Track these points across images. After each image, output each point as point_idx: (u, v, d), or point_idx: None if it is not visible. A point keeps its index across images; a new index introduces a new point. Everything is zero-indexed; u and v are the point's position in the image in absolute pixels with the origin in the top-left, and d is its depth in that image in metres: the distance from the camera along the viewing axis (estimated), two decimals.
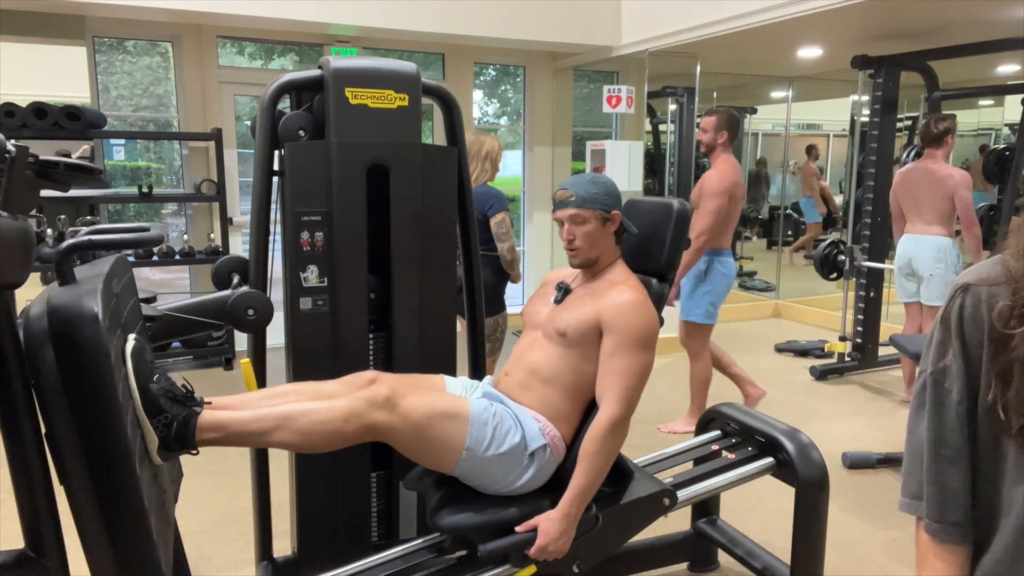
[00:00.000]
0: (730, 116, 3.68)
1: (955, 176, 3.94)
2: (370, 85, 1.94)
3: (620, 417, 1.76)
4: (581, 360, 1.83)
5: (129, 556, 1.26)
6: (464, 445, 1.70)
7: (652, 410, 4.18)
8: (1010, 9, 4.10)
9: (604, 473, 1.77)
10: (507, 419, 1.78)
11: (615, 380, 1.77)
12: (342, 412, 1.58)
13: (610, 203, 1.90)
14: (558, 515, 1.72)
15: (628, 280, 1.90)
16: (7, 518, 1.80)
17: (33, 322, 1.18)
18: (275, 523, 2.18)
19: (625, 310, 1.78)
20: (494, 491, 1.80)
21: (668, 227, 2.02)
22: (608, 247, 1.94)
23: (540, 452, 1.79)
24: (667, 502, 1.96)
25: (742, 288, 7.48)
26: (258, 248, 1.99)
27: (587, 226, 1.88)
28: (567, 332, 1.83)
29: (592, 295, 1.87)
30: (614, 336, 1.78)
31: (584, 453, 1.75)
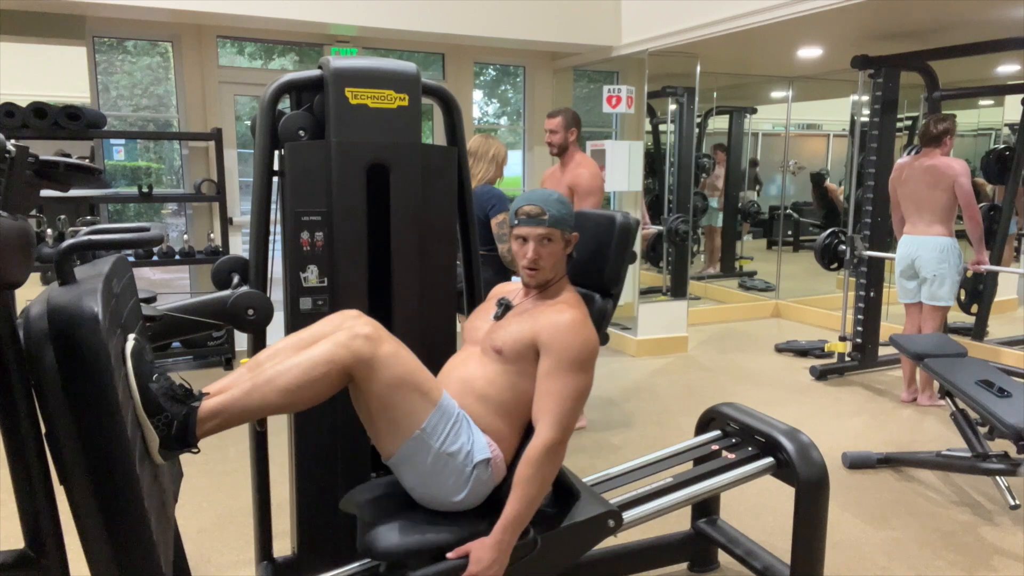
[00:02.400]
0: (575, 114, 3.75)
1: (954, 166, 3.96)
2: (370, 85, 1.94)
3: (555, 441, 1.69)
4: (519, 378, 1.77)
5: (129, 556, 1.26)
6: (420, 425, 1.65)
7: (652, 410, 4.19)
8: (1010, 9, 4.10)
9: (540, 499, 1.71)
10: (464, 424, 1.73)
11: (550, 403, 1.71)
12: (324, 355, 1.55)
13: (573, 224, 1.87)
14: (491, 542, 1.66)
15: (569, 299, 1.85)
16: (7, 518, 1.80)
17: (33, 322, 1.18)
18: (275, 523, 2.18)
19: (562, 330, 1.73)
20: (426, 496, 1.74)
21: (611, 241, 1.96)
22: (561, 268, 1.89)
23: (482, 466, 1.72)
24: (612, 523, 1.89)
25: (742, 288, 7.49)
26: (258, 248, 1.99)
27: (553, 247, 1.82)
28: (503, 350, 1.77)
29: (531, 313, 1.82)
30: (550, 357, 1.72)
31: (519, 478, 1.68)
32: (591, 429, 3.86)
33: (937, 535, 2.79)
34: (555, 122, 3.69)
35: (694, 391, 4.57)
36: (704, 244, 8.05)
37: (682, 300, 5.75)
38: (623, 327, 5.65)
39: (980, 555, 2.65)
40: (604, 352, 5.48)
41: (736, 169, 7.92)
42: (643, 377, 4.88)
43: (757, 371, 5.02)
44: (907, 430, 3.92)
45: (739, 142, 7.92)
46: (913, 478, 3.29)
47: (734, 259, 8.06)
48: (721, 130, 7.90)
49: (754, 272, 7.83)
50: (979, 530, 2.82)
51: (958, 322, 5.48)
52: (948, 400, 3.17)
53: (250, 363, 1.64)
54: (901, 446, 3.64)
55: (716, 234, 7.99)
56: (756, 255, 8.29)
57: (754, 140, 8.42)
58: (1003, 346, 5.10)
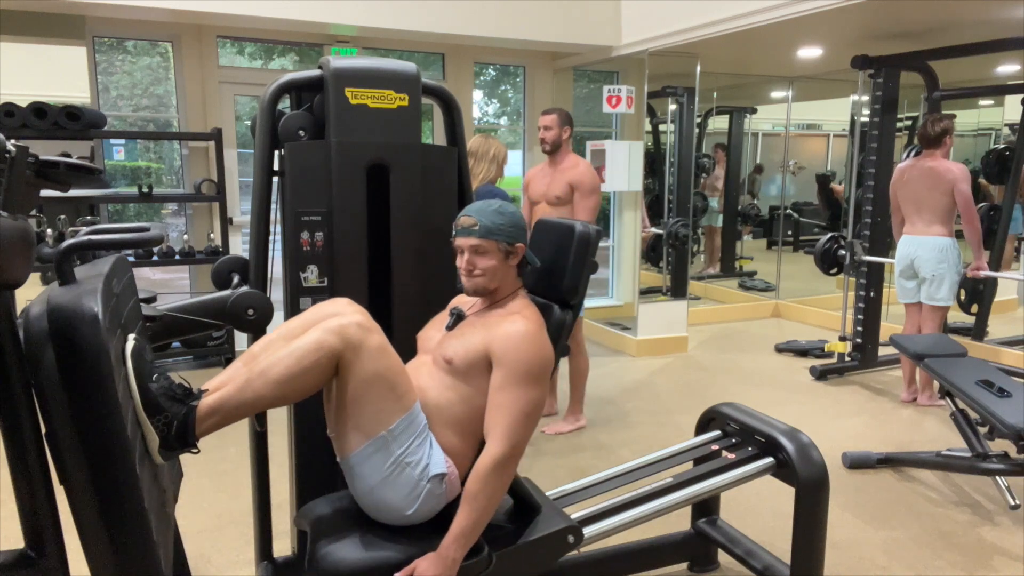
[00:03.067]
0: (568, 113, 3.80)
1: (954, 170, 3.96)
2: (370, 85, 1.94)
3: (505, 456, 1.64)
4: (471, 391, 1.73)
5: (129, 556, 1.26)
6: (388, 427, 1.62)
7: (652, 409, 4.19)
8: (1010, 9, 4.10)
9: (488, 514, 1.66)
10: (427, 439, 1.70)
11: (501, 416, 1.66)
12: (314, 342, 1.53)
13: (514, 235, 1.80)
14: (436, 557, 1.62)
15: (524, 311, 1.80)
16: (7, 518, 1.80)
17: (33, 322, 1.18)
18: (275, 523, 2.18)
19: (515, 342, 1.69)
20: (375, 504, 1.70)
21: (570, 251, 1.93)
22: (508, 279, 1.84)
23: (436, 480, 1.68)
24: (571, 539, 1.85)
25: (742, 288, 7.49)
26: (258, 248, 1.99)
27: (488, 258, 1.78)
28: (454, 360, 1.73)
29: (484, 324, 1.78)
30: (502, 369, 1.68)
31: (467, 493, 1.64)
32: (591, 429, 3.86)
33: (937, 535, 2.79)
34: (550, 118, 3.70)
35: (694, 391, 4.57)
36: (704, 244, 8.05)
37: (682, 300, 5.75)
38: (623, 327, 5.66)
39: (980, 555, 2.65)
40: (604, 352, 5.49)
41: (736, 169, 7.91)
42: (643, 377, 4.88)
43: (757, 371, 5.02)
44: (907, 430, 3.92)
45: (739, 142, 7.92)
46: (913, 478, 3.29)
47: (734, 259, 8.06)
48: (721, 130, 7.90)
49: (754, 272, 7.83)
50: (979, 530, 2.82)
51: (958, 322, 5.48)
52: (948, 400, 3.17)
53: (245, 356, 1.64)
54: (901, 446, 3.64)
55: (716, 234, 7.99)
56: (756, 255, 8.29)
57: (754, 140, 8.42)
58: (1003, 346, 5.10)
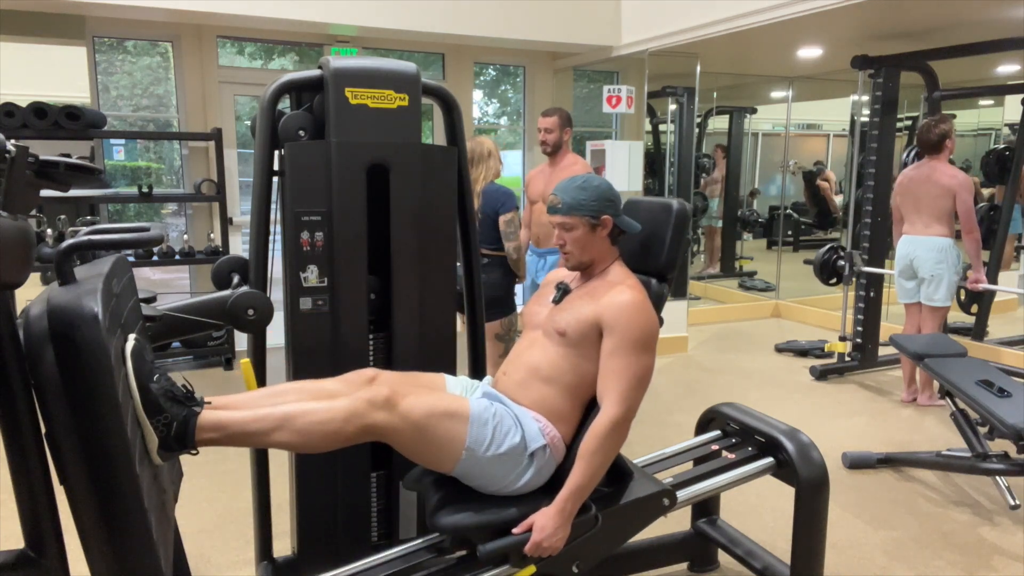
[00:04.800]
0: (568, 114, 3.80)
1: (958, 177, 3.94)
2: (370, 85, 1.94)
3: (621, 418, 1.75)
4: (581, 359, 1.82)
5: (129, 556, 1.26)
6: (464, 445, 1.70)
7: (652, 409, 4.18)
8: (1010, 9, 4.10)
9: (602, 472, 1.77)
10: (507, 419, 1.78)
11: (615, 381, 1.77)
12: (342, 412, 1.57)
13: (598, 208, 1.88)
14: (553, 511, 1.72)
15: (627, 280, 1.89)
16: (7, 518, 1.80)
17: (33, 322, 1.18)
18: (275, 523, 2.18)
19: (625, 310, 1.78)
20: (494, 491, 1.79)
21: (668, 227, 2.01)
22: (602, 250, 1.93)
23: (540, 452, 1.78)
24: (667, 502, 1.95)
25: (742, 288, 7.49)
26: (258, 248, 1.99)
27: (575, 232, 1.88)
28: (567, 331, 1.82)
29: (591, 295, 1.86)
30: (614, 336, 1.77)
31: (583, 451, 1.74)
32: None
33: (937, 535, 2.79)
34: (551, 120, 3.70)
35: (694, 391, 4.57)
36: (704, 244, 8.05)
37: (682, 300, 5.74)
38: None
39: (980, 555, 2.65)
40: None
41: (736, 169, 7.92)
42: None
43: (757, 371, 5.02)
44: (907, 430, 3.91)
45: (739, 142, 7.92)
46: (913, 478, 3.29)
47: (734, 259, 8.07)
48: (721, 130, 7.90)
49: (754, 272, 7.83)
50: (979, 530, 2.82)
51: (958, 322, 5.48)
52: (948, 400, 3.17)
53: (268, 389, 1.68)
54: (901, 446, 3.64)
55: (716, 234, 7.99)
56: (756, 255, 8.29)
57: (754, 140, 8.43)
58: (1003, 346, 5.10)
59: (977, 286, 4.16)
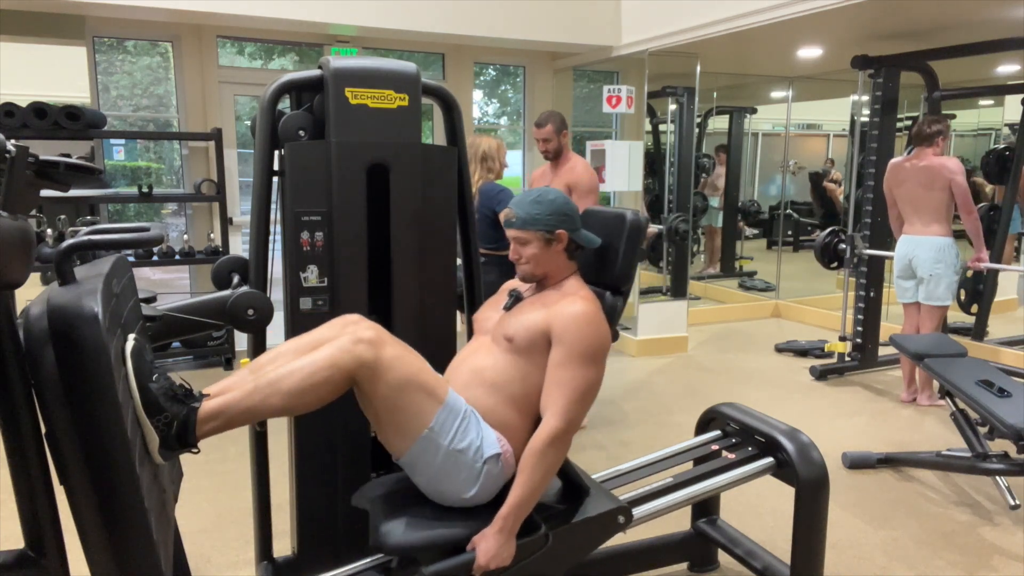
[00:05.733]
0: (561, 116, 3.77)
1: (948, 164, 3.98)
2: (370, 85, 1.94)
3: (561, 431, 1.70)
4: (529, 368, 1.78)
5: (129, 556, 1.26)
6: (428, 424, 1.66)
7: (652, 409, 4.19)
8: (1010, 9, 4.10)
9: (542, 487, 1.71)
10: (473, 420, 1.74)
11: (558, 393, 1.72)
12: (327, 359, 1.55)
13: (554, 222, 1.85)
14: (493, 530, 1.68)
15: (581, 291, 1.86)
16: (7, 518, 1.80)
17: (33, 322, 1.18)
18: (275, 523, 2.18)
19: (575, 321, 1.74)
20: (438, 493, 1.75)
21: (621, 239, 1.96)
22: (558, 264, 1.90)
23: (492, 461, 1.73)
24: (622, 519, 1.90)
25: (742, 288, 7.49)
26: (258, 248, 1.99)
27: (529, 247, 1.86)
28: (515, 338, 1.78)
29: (543, 304, 1.83)
30: (562, 347, 1.74)
31: (523, 465, 1.70)
32: (591, 428, 3.86)
33: (937, 535, 2.79)
34: (547, 131, 3.68)
35: (694, 391, 4.57)
36: (704, 244, 8.05)
37: (682, 300, 5.75)
38: (623, 327, 5.65)
39: (980, 555, 2.65)
40: None
41: (736, 169, 7.92)
42: (643, 377, 4.88)
43: (757, 371, 5.02)
44: (907, 430, 3.92)
45: (739, 142, 7.92)
46: (913, 478, 3.29)
47: (734, 259, 8.07)
48: (721, 130, 7.90)
49: (754, 272, 7.84)
50: (979, 530, 2.82)
51: (958, 322, 5.48)
52: (948, 400, 3.17)
53: (251, 365, 1.65)
54: (901, 446, 3.64)
55: (716, 234, 7.99)
56: (756, 255, 8.29)
57: (754, 140, 8.42)
58: (1003, 346, 5.10)
59: (979, 265, 4.17)
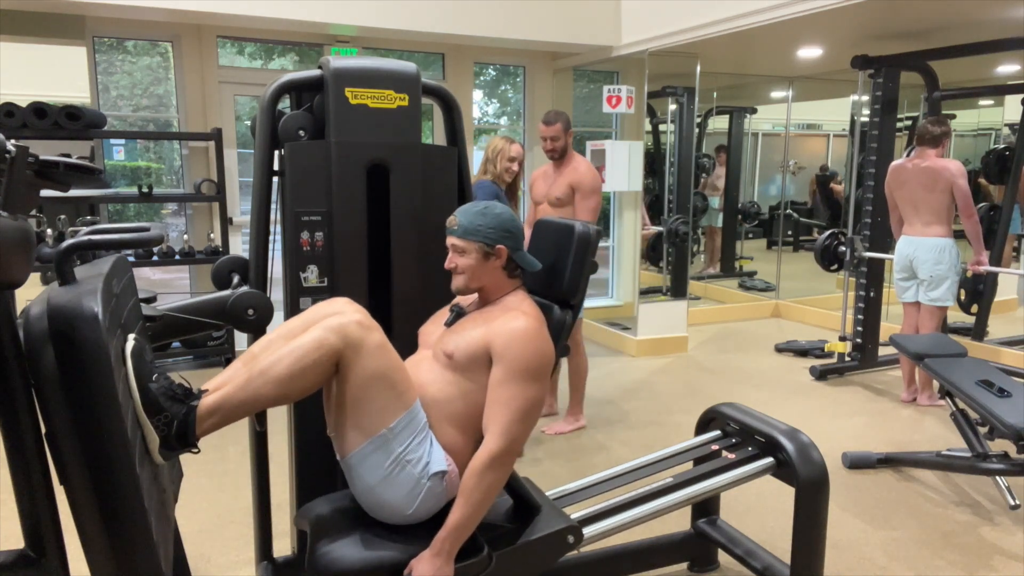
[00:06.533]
0: (567, 116, 3.77)
1: (950, 167, 3.99)
2: (370, 85, 1.94)
3: (502, 451, 1.64)
4: (471, 386, 1.73)
5: (129, 556, 1.26)
6: (388, 425, 1.62)
7: (652, 409, 4.19)
8: (1010, 9, 4.10)
9: (482, 509, 1.66)
10: (428, 437, 1.71)
11: (499, 412, 1.67)
12: (314, 341, 1.54)
13: (495, 237, 1.80)
14: (430, 554, 1.63)
15: (523, 306, 1.81)
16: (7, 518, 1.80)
17: (33, 322, 1.18)
18: (275, 523, 2.18)
19: (516, 337, 1.69)
20: (375, 504, 1.71)
21: (569, 251, 1.92)
22: (495, 280, 1.85)
23: (436, 478, 1.68)
24: (571, 539, 1.85)
25: (742, 288, 7.49)
26: (258, 248, 1.99)
27: (466, 257, 1.81)
28: (454, 354, 1.74)
29: (485, 320, 1.79)
30: (502, 365, 1.68)
31: (462, 487, 1.65)
32: (591, 429, 3.86)
33: (937, 535, 2.79)
34: (556, 128, 3.69)
35: (694, 391, 4.57)
36: (704, 244, 8.05)
37: (682, 300, 5.75)
38: (623, 327, 5.66)
39: (980, 555, 2.65)
40: (604, 352, 5.49)
41: (736, 169, 7.92)
42: (643, 377, 4.88)
43: (757, 371, 5.02)
44: (907, 430, 3.92)
45: (739, 142, 7.92)
46: (913, 478, 3.29)
47: (734, 259, 8.07)
48: (721, 130, 7.90)
49: (754, 272, 7.84)
50: (979, 530, 2.82)
51: (958, 322, 5.48)
52: (948, 400, 3.17)
53: (245, 356, 1.64)
54: (901, 446, 3.64)
55: (716, 234, 7.99)
56: (756, 255, 8.29)
57: (754, 140, 8.42)
58: (1003, 346, 5.11)
59: (979, 268, 4.17)
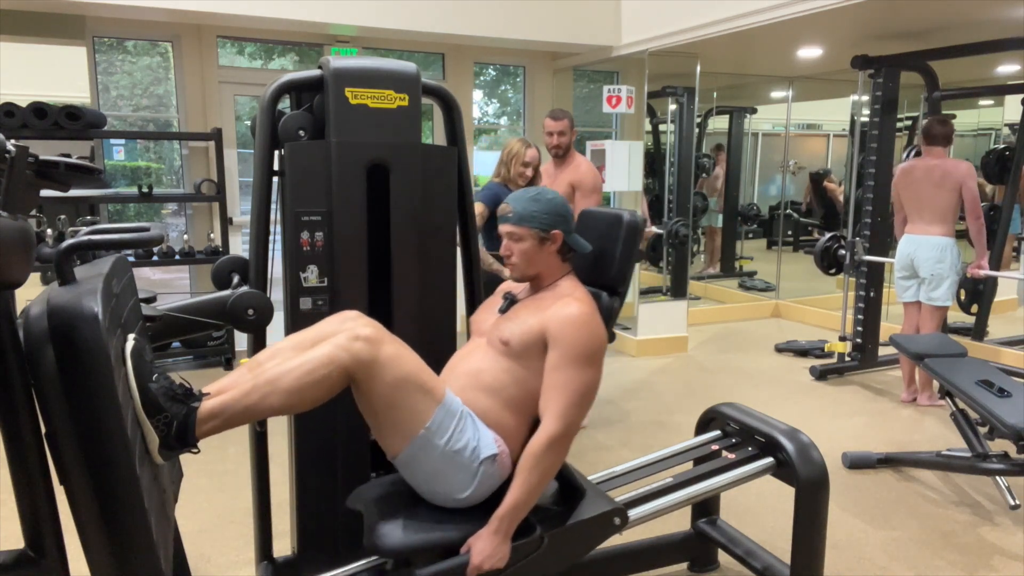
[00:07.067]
0: (571, 115, 3.78)
1: (961, 167, 3.98)
2: (370, 85, 1.94)
3: (560, 434, 1.70)
4: (525, 372, 1.77)
5: (129, 556, 1.26)
6: (425, 424, 1.65)
7: (652, 409, 4.19)
8: (1010, 9, 4.10)
9: (539, 490, 1.71)
10: (469, 420, 1.74)
11: (556, 396, 1.72)
12: (326, 356, 1.55)
13: (550, 222, 1.84)
14: (488, 532, 1.68)
15: (575, 292, 1.85)
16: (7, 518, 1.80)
17: (33, 322, 1.18)
18: (275, 523, 2.18)
19: (570, 324, 1.73)
20: (432, 493, 1.75)
21: (618, 240, 1.97)
22: (550, 265, 1.89)
23: (488, 463, 1.73)
24: (618, 521, 1.89)
25: (742, 288, 7.48)
26: (258, 248, 1.99)
27: (523, 244, 1.84)
28: (510, 341, 1.78)
29: (538, 306, 1.82)
30: (558, 350, 1.73)
31: (521, 467, 1.70)
32: (591, 428, 3.86)
33: (937, 535, 2.79)
34: (563, 124, 3.69)
35: (694, 391, 4.57)
36: (704, 244, 8.05)
37: (682, 300, 5.75)
38: (623, 327, 5.65)
39: (980, 555, 2.65)
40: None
41: (736, 169, 7.92)
42: (643, 377, 4.88)
43: (757, 371, 5.02)
44: (907, 430, 3.92)
45: (739, 142, 7.92)
46: (913, 478, 3.29)
47: (734, 259, 8.07)
48: (721, 130, 7.90)
49: (754, 272, 7.84)
50: (979, 530, 2.82)
51: (958, 322, 5.48)
52: (948, 400, 3.17)
53: (250, 363, 1.64)
54: (901, 446, 3.64)
55: (716, 234, 7.99)
56: (756, 255, 8.29)
57: (754, 140, 8.42)
58: (1003, 346, 5.10)
59: (979, 273, 4.16)
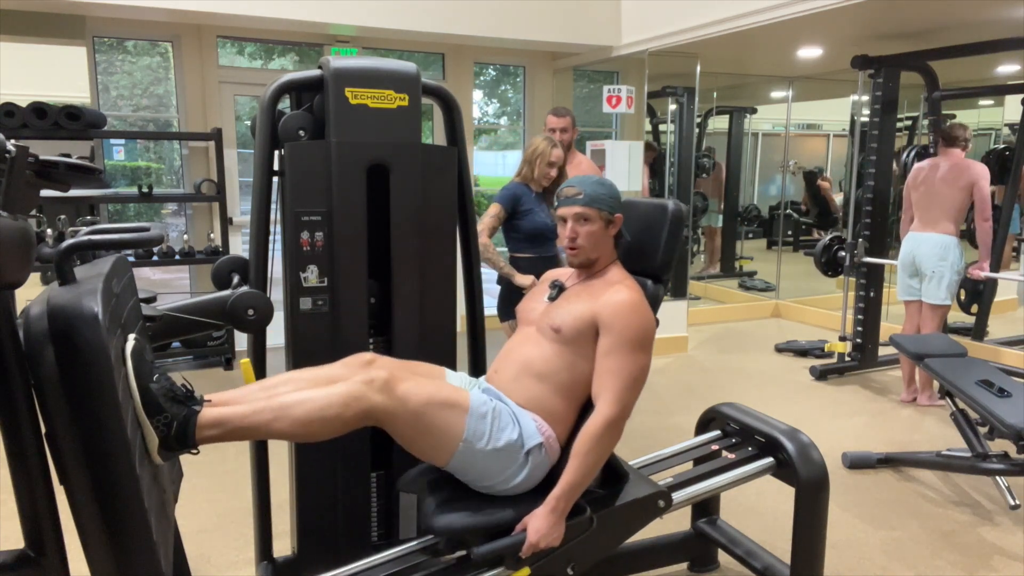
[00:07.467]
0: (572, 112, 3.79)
1: (976, 168, 3.98)
2: (370, 85, 1.94)
3: (615, 417, 1.74)
4: (576, 358, 1.81)
5: (129, 556, 1.26)
6: (461, 436, 1.69)
7: (652, 409, 4.18)
8: (1010, 9, 4.10)
9: (594, 471, 1.77)
10: (505, 415, 1.77)
11: (610, 380, 1.76)
12: (340, 397, 1.56)
13: (614, 206, 1.90)
14: (545, 511, 1.72)
15: (625, 280, 1.89)
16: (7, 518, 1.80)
17: (33, 322, 1.18)
18: (275, 523, 2.18)
19: (623, 309, 1.78)
20: (487, 487, 1.78)
21: (663, 228, 2.00)
22: (607, 249, 1.94)
23: (535, 451, 1.77)
24: (662, 504, 1.95)
25: (742, 288, 7.48)
26: (258, 248, 1.99)
27: (591, 226, 1.88)
28: (562, 328, 1.81)
29: (589, 293, 1.86)
30: (611, 335, 1.77)
31: (576, 450, 1.74)
32: None
33: (937, 535, 2.79)
34: (567, 121, 3.69)
35: (694, 391, 4.57)
36: (704, 244, 8.05)
37: (682, 300, 5.75)
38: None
39: (980, 555, 2.65)
40: None
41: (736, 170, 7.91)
42: None
43: (757, 371, 5.02)
44: (907, 430, 3.92)
45: (739, 142, 7.92)
46: (913, 478, 3.29)
47: (734, 259, 8.07)
48: (721, 130, 7.90)
49: (754, 272, 7.84)
50: (979, 530, 2.82)
51: (958, 322, 5.48)
52: (948, 400, 3.17)
53: (263, 383, 1.67)
54: (901, 446, 3.64)
55: (716, 234, 7.99)
56: (756, 255, 8.29)
57: (754, 140, 8.42)
58: (1003, 346, 5.10)
59: (979, 274, 4.16)
